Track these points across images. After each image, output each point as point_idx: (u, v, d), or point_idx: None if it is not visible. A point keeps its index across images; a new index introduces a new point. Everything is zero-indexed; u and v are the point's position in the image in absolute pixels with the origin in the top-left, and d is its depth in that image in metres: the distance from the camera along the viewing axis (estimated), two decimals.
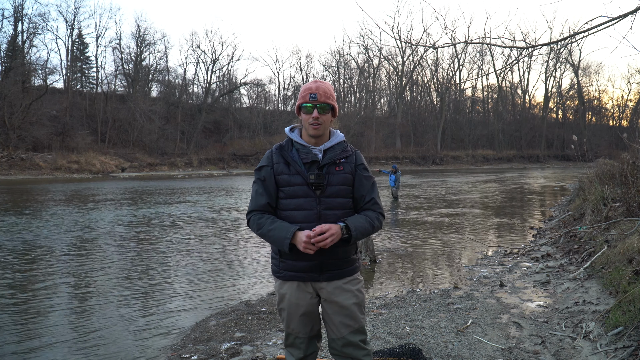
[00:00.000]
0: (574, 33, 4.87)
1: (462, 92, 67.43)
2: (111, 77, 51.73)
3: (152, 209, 14.47)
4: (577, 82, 66.78)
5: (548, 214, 12.28)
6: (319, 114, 2.13)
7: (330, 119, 2.21)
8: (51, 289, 5.79)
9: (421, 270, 6.73)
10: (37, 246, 8.50)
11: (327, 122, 2.18)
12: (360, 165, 2.24)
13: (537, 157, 63.15)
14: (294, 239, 2.05)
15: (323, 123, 2.15)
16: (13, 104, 38.11)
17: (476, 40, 15.96)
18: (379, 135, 57.96)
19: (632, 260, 4.46)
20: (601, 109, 73.24)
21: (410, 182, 26.94)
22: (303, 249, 2.02)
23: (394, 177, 16.10)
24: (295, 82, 63.45)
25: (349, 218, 2.13)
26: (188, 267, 6.93)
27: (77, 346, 4.03)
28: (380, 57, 62.76)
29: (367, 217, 2.18)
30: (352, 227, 2.08)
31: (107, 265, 7.06)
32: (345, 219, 2.11)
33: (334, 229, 2.03)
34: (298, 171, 2.14)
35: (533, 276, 5.71)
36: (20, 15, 43.37)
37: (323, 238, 2.00)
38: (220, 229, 10.62)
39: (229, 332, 4.21)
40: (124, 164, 41.52)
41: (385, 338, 3.78)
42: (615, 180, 7.76)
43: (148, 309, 5.04)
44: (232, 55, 60.55)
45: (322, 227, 2.01)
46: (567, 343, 3.54)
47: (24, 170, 34.47)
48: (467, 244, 8.53)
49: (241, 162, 48.66)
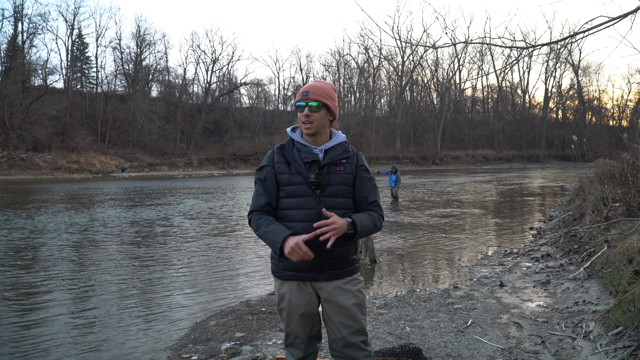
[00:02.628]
0: (574, 33, 4.87)
1: (462, 92, 67.45)
2: (111, 77, 51.80)
3: (151, 209, 14.47)
4: (577, 82, 66.82)
5: (548, 214, 12.28)
6: (309, 111, 2.14)
7: (328, 118, 2.21)
8: (50, 288, 5.78)
9: (421, 270, 6.73)
10: (37, 246, 8.50)
11: (320, 120, 2.17)
12: (362, 166, 2.25)
13: (537, 157, 63.14)
14: (285, 243, 2.04)
15: (315, 121, 2.15)
16: (13, 104, 38.09)
17: (476, 40, 15.91)
18: (379, 135, 57.96)
19: (632, 260, 4.46)
20: (601, 109, 73.30)
21: (410, 182, 26.93)
22: (287, 254, 2.01)
23: (394, 177, 16.17)
24: (295, 82, 63.49)
25: (354, 215, 2.14)
26: (188, 267, 6.93)
27: (77, 346, 4.03)
28: (380, 57, 62.79)
29: (371, 215, 2.19)
30: (358, 223, 2.09)
31: (106, 265, 7.06)
32: (351, 215, 2.12)
33: (341, 221, 2.03)
34: (298, 170, 2.15)
35: (533, 276, 5.71)
36: (20, 15, 43.41)
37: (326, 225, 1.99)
38: (220, 228, 10.62)
39: (229, 332, 4.21)
40: (124, 164, 41.50)
41: (385, 338, 3.78)
42: (615, 180, 7.76)
43: (148, 309, 5.04)
44: (232, 55, 60.53)
45: (327, 221, 2.02)
46: (567, 343, 3.54)
47: (24, 170, 34.46)
48: (467, 244, 8.53)
49: (241, 162, 48.66)
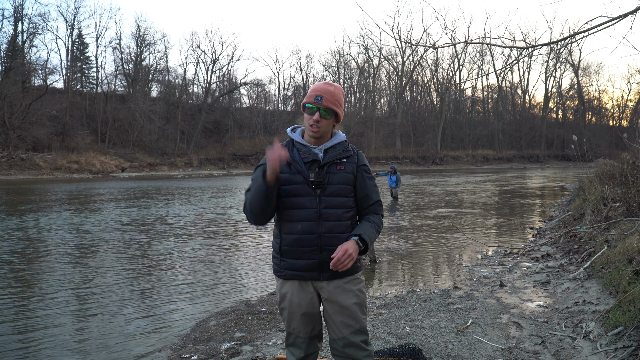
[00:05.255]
0: (574, 33, 4.87)
1: (462, 92, 67.43)
2: (111, 77, 51.81)
3: (151, 209, 14.47)
4: (577, 82, 66.79)
5: (548, 214, 12.28)
6: (320, 117, 2.13)
7: (333, 123, 2.21)
8: (50, 288, 5.79)
9: (421, 270, 6.73)
10: (37, 246, 8.50)
11: (328, 126, 2.18)
12: (363, 165, 2.25)
13: (537, 157, 63.13)
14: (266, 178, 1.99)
15: (323, 127, 2.16)
16: (13, 104, 38.09)
17: (476, 40, 15.91)
18: (379, 135, 57.96)
19: (632, 260, 4.46)
20: (601, 109, 73.30)
21: (411, 183, 26.93)
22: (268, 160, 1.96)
23: (394, 177, 16.19)
24: (295, 82, 63.55)
25: (359, 229, 2.15)
26: (188, 267, 6.93)
27: (77, 346, 4.03)
28: (380, 57, 62.78)
29: (374, 223, 2.21)
30: (367, 238, 2.12)
31: (106, 265, 7.06)
32: (356, 232, 2.13)
33: (351, 248, 2.05)
34: (299, 170, 2.16)
35: (533, 276, 5.71)
36: (20, 15, 43.36)
37: (343, 262, 2.02)
38: (220, 228, 10.62)
39: (229, 332, 4.22)
40: (124, 164, 41.49)
41: (385, 338, 3.78)
42: (615, 180, 7.75)
43: (148, 308, 5.04)
44: (232, 55, 60.52)
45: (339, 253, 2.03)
46: (567, 343, 3.54)
47: (24, 170, 34.45)
48: (467, 244, 8.53)
49: (241, 162, 48.64)
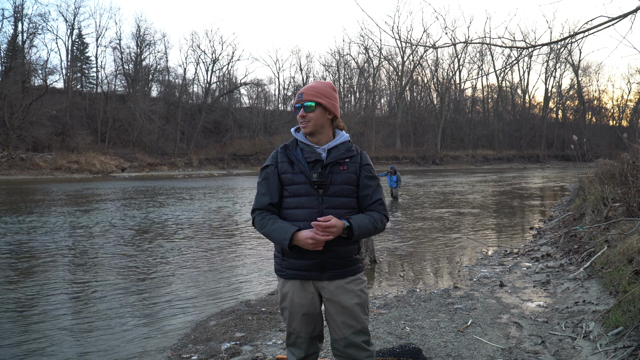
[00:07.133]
0: (574, 33, 4.87)
1: (462, 92, 67.43)
2: (111, 77, 51.84)
3: (151, 209, 14.47)
4: (577, 82, 66.78)
5: (548, 214, 12.28)
6: (305, 112, 2.19)
7: (326, 117, 2.23)
8: (50, 289, 5.79)
9: (421, 270, 6.73)
10: (36, 246, 8.49)
11: (317, 119, 2.19)
12: (367, 165, 2.25)
13: (537, 157, 63.12)
14: (294, 240, 2.07)
15: (311, 120, 2.18)
16: (13, 104, 38.08)
17: (476, 40, 15.95)
18: (379, 135, 57.97)
19: (632, 260, 4.46)
20: (601, 109, 73.30)
21: (411, 182, 26.93)
22: (312, 248, 2.05)
23: (394, 177, 16.20)
24: (295, 82, 63.51)
25: (354, 217, 2.14)
26: (188, 267, 6.93)
27: (77, 346, 4.03)
28: (380, 57, 62.79)
29: (372, 217, 2.18)
30: (355, 227, 2.09)
31: (106, 265, 7.06)
32: (350, 218, 2.12)
33: (339, 224, 2.05)
34: (301, 170, 2.16)
35: (533, 276, 5.72)
36: (20, 15, 43.42)
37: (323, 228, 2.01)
38: (220, 229, 10.62)
39: (229, 332, 4.22)
40: (124, 164, 41.49)
41: (385, 338, 3.78)
42: (615, 180, 7.76)
43: (148, 309, 5.04)
44: (232, 55, 60.57)
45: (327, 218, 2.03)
46: (567, 343, 3.54)
47: (24, 170, 34.45)
48: (467, 244, 8.54)
49: (241, 162, 48.64)
